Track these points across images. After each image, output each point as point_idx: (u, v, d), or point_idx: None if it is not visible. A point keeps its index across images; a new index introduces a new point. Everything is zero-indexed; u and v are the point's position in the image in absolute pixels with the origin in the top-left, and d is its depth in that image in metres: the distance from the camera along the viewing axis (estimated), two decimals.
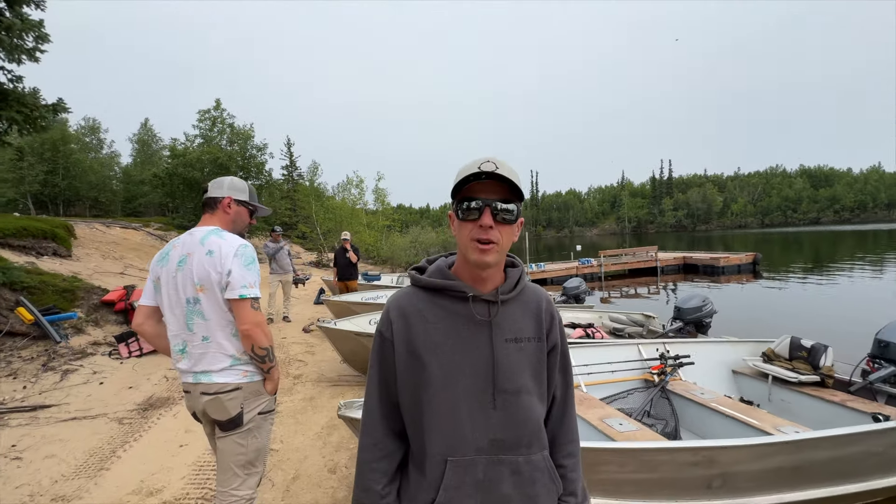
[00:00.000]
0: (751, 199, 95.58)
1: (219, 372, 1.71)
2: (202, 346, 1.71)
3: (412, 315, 0.96)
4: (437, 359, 0.93)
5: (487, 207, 0.90)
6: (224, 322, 1.71)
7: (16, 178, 24.60)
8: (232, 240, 1.77)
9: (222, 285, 1.69)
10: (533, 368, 0.98)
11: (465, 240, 0.93)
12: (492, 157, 0.92)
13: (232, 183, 1.94)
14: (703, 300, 6.03)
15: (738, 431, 3.32)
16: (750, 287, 14.51)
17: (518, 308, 1.00)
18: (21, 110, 4.55)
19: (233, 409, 1.71)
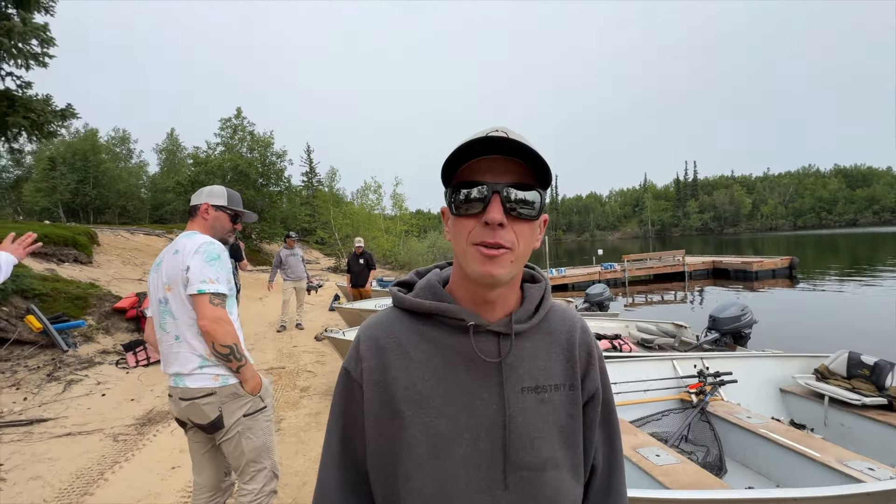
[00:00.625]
0: (782, 200, 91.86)
1: (190, 375, 1.68)
2: (175, 346, 1.70)
3: (390, 350, 0.67)
4: (422, 416, 0.64)
5: (496, 195, 0.61)
6: (190, 320, 1.69)
7: (48, 187, 25.65)
8: (197, 238, 1.76)
9: (184, 282, 1.67)
10: (563, 430, 0.68)
11: (462, 244, 0.63)
12: (502, 126, 0.63)
13: (211, 190, 1.96)
14: (742, 309, 5.53)
15: (793, 463, 2.87)
16: (788, 293, 13.65)
17: (541, 342, 0.70)
18: (28, 116, 4.51)
19: (211, 413, 1.69)
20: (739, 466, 3.17)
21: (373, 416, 0.66)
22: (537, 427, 0.65)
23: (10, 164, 28.63)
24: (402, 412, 0.64)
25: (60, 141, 28.68)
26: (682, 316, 10.67)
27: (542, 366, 0.68)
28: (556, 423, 0.67)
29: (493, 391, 0.65)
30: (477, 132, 0.64)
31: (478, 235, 0.61)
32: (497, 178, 0.61)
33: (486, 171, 0.62)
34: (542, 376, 0.68)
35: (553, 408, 0.67)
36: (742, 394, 3.83)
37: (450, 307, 0.67)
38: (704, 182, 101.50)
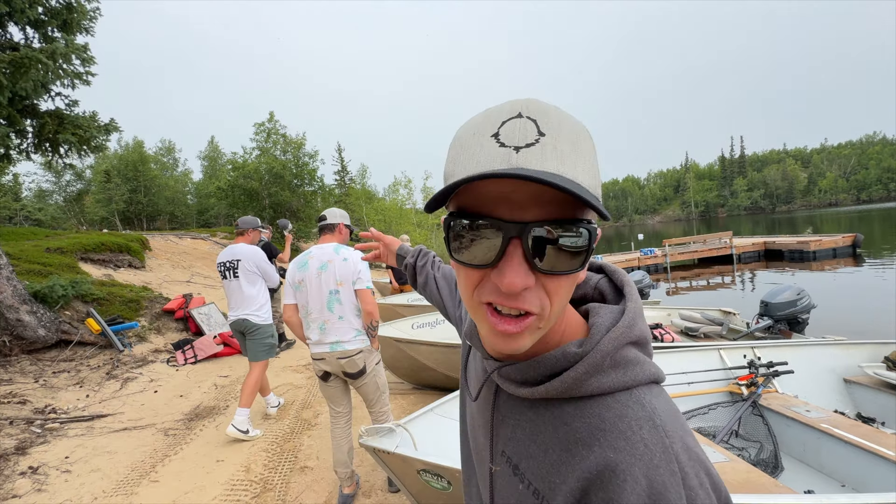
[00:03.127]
0: (842, 173, 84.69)
1: (348, 342, 2.48)
2: (338, 323, 2.47)
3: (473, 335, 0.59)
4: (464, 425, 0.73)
5: (516, 241, 0.41)
6: (352, 306, 2.50)
7: (105, 198, 27.71)
8: (355, 252, 2.50)
9: (353, 280, 2.48)
10: None
11: (468, 297, 0.46)
12: (526, 105, 0.43)
13: (342, 213, 2.72)
14: (798, 292, 5.11)
15: (861, 462, 2.61)
16: (851, 274, 12.56)
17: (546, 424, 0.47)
18: (76, 132, 4.83)
19: (360, 363, 2.51)
20: (798, 464, 2.93)
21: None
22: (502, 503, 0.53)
23: (73, 179, 31.09)
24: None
25: (114, 154, 30.85)
26: (730, 302, 10.07)
27: (532, 451, 0.48)
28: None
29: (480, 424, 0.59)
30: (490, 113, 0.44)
31: (488, 294, 0.43)
32: (518, 212, 0.40)
33: (501, 200, 0.40)
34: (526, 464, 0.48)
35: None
36: (799, 385, 3.54)
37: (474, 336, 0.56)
38: (753, 158, 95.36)
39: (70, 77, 4.70)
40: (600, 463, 0.40)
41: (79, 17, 5.01)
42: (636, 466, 0.39)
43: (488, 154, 0.41)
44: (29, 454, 3.35)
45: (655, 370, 0.47)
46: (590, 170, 0.42)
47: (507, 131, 0.41)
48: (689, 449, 0.40)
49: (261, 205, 20.85)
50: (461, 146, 0.44)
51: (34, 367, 4.84)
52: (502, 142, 0.41)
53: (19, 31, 4.81)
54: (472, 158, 0.42)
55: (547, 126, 0.41)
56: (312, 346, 2.53)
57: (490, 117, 0.43)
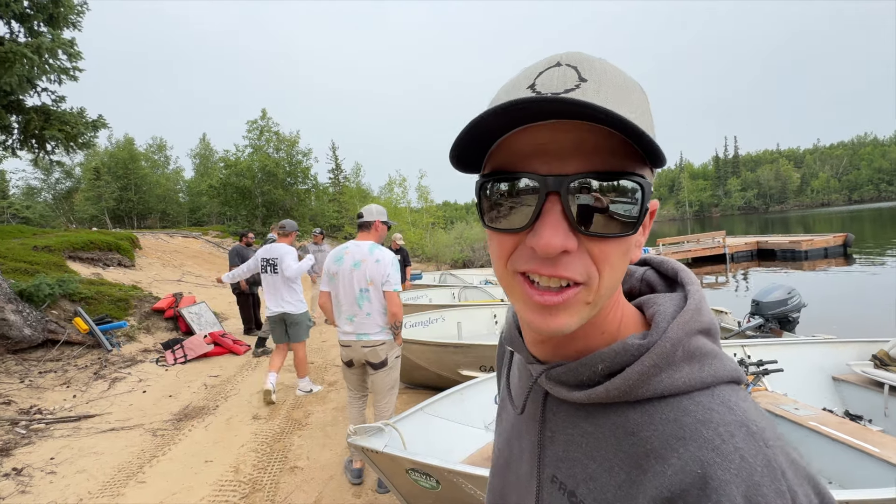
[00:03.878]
0: (834, 173, 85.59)
1: (374, 334, 2.73)
2: (365, 319, 2.71)
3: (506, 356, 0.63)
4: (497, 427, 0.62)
5: (553, 196, 0.35)
6: (379, 305, 2.72)
7: (95, 195, 27.37)
8: (388, 253, 2.76)
9: (382, 282, 2.69)
10: None
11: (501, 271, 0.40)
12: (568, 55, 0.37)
13: (379, 209, 2.87)
14: (789, 291, 5.15)
15: (848, 459, 2.63)
16: (842, 274, 12.69)
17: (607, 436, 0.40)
18: (63, 129, 4.75)
19: (382, 354, 2.76)
20: None
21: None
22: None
23: (63, 176, 30.69)
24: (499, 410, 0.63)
25: (104, 151, 30.48)
26: (723, 301, 10.14)
27: (592, 472, 0.40)
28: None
29: (526, 448, 0.49)
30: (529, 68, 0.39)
31: (523, 261, 0.37)
32: (556, 165, 0.35)
33: (535, 153, 0.36)
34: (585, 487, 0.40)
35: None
36: (789, 383, 3.56)
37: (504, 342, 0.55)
38: (747, 158, 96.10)
39: (56, 72, 4.62)
40: (684, 480, 0.33)
41: (65, 12, 4.92)
42: (733, 484, 0.31)
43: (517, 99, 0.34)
44: (13, 455, 3.29)
45: (736, 366, 0.40)
46: (642, 116, 0.36)
47: (543, 80, 0.36)
48: (796, 463, 0.33)
49: (253, 203, 20.70)
50: (493, 102, 0.39)
51: (20, 367, 4.76)
52: (539, 91, 0.35)
53: (4, 25, 4.71)
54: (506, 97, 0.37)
55: (590, 73, 0.35)
56: (341, 334, 2.84)
57: (527, 71, 0.38)
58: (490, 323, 6.76)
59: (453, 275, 12.37)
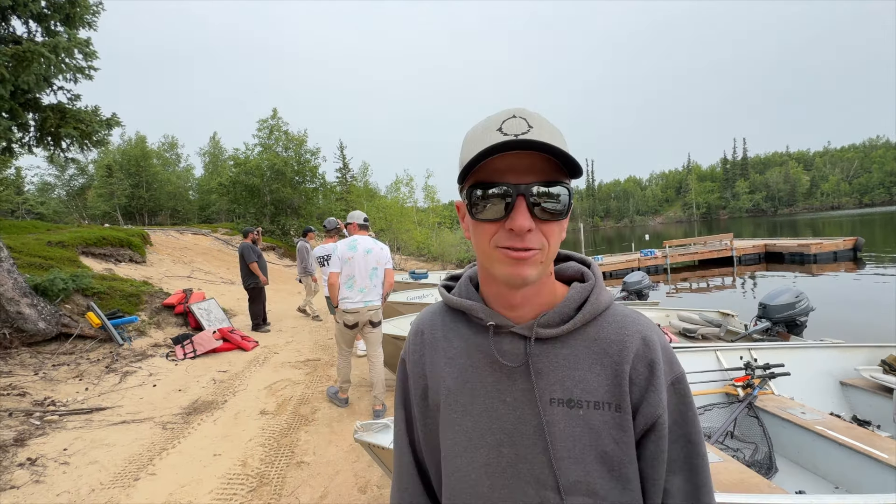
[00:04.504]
0: (845, 176, 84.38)
1: (376, 300, 3.79)
2: (372, 290, 3.76)
3: (429, 343, 0.72)
4: (450, 412, 0.67)
5: (521, 198, 0.56)
6: (380, 280, 3.82)
7: (107, 192, 27.73)
8: (385, 245, 4.01)
9: (385, 263, 3.85)
10: (604, 456, 0.58)
11: (485, 247, 0.60)
12: (518, 110, 0.59)
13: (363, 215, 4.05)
14: (797, 295, 5.12)
15: (855, 465, 2.62)
16: (851, 278, 12.55)
17: (583, 350, 0.62)
18: (78, 126, 4.84)
19: (380, 315, 3.87)
20: (792, 466, 2.94)
21: (417, 406, 0.72)
22: (566, 445, 0.58)
23: (76, 173, 31.13)
24: (438, 405, 0.68)
25: (117, 149, 30.86)
26: (730, 304, 10.06)
27: (579, 377, 0.60)
28: (593, 445, 0.58)
29: (517, 396, 0.62)
30: (491, 118, 0.59)
31: (503, 240, 0.57)
32: (520, 178, 0.56)
33: (508, 170, 0.56)
34: (578, 389, 0.60)
35: (590, 428, 0.58)
36: (796, 387, 3.54)
37: (472, 305, 0.66)
38: (755, 160, 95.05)
39: (72, 71, 4.71)
40: (636, 344, 0.61)
41: (81, 11, 5.01)
42: (654, 334, 0.63)
43: (495, 140, 0.54)
44: (28, 446, 3.37)
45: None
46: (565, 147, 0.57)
47: (506, 126, 0.56)
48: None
49: (262, 201, 20.85)
50: (472, 139, 0.59)
51: (34, 360, 4.86)
52: (504, 132, 0.56)
53: (22, 24, 4.82)
54: (483, 141, 0.56)
55: (534, 123, 0.57)
56: (350, 303, 3.68)
57: (492, 119, 0.59)
58: None
59: None
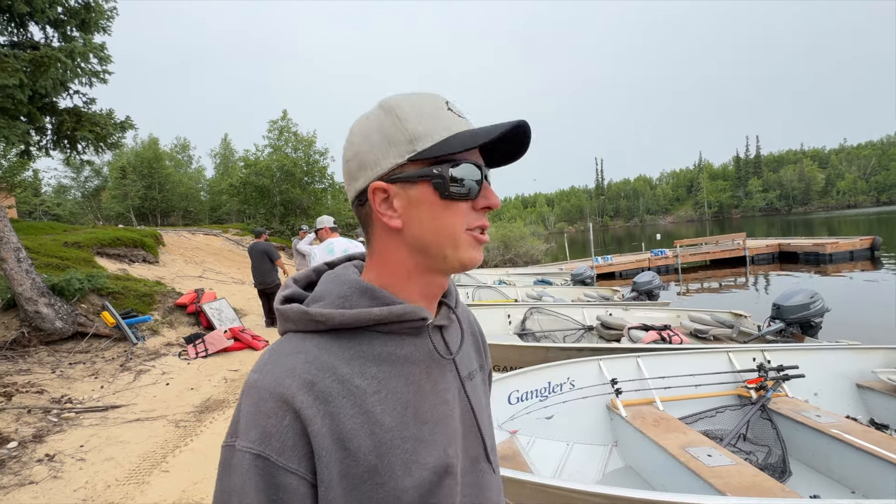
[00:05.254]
0: (861, 174, 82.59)
1: None
2: None
3: (334, 394, 0.50)
4: (402, 455, 0.51)
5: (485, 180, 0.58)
6: None
7: (121, 194, 28.23)
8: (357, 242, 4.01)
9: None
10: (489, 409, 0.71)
11: (454, 230, 0.55)
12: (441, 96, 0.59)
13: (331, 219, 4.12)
14: (812, 295, 5.04)
15: (872, 469, 2.57)
16: (868, 278, 12.28)
17: (463, 326, 0.67)
18: (93, 129, 4.95)
19: None
20: (807, 469, 2.89)
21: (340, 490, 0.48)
22: (482, 416, 0.66)
23: (91, 175, 31.71)
24: (375, 466, 0.49)
25: (130, 151, 31.39)
26: (742, 305, 9.92)
27: (465, 350, 0.67)
28: (486, 405, 0.69)
29: (452, 386, 0.61)
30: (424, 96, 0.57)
31: (473, 221, 0.57)
32: (481, 158, 0.59)
33: (475, 154, 0.57)
34: (469, 361, 0.68)
35: (482, 392, 0.69)
36: (811, 390, 3.49)
37: (412, 309, 0.55)
38: (769, 158, 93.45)
39: (88, 75, 4.82)
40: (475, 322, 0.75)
41: (96, 17, 5.12)
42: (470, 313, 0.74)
43: (456, 120, 0.55)
44: (46, 442, 3.45)
45: None
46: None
47: (453, 107, 0.57)
48: None
49: (272, 202, 21.05)
50: (423, 113, 0.54)
51: (51, 358, 4.97)
52: (458, 113, 0.56)
53: (39, 30, 4.94)
54: (446, 121, 0.54)
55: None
56: None
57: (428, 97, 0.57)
58: (504, 323, 6.77)
59: (467, 274, 12.37)
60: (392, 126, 0.54)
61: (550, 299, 8.29)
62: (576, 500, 1.95)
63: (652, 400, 3.33)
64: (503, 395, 3.24)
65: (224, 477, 0.47)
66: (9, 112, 4.54)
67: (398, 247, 0.56)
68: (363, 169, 0.56)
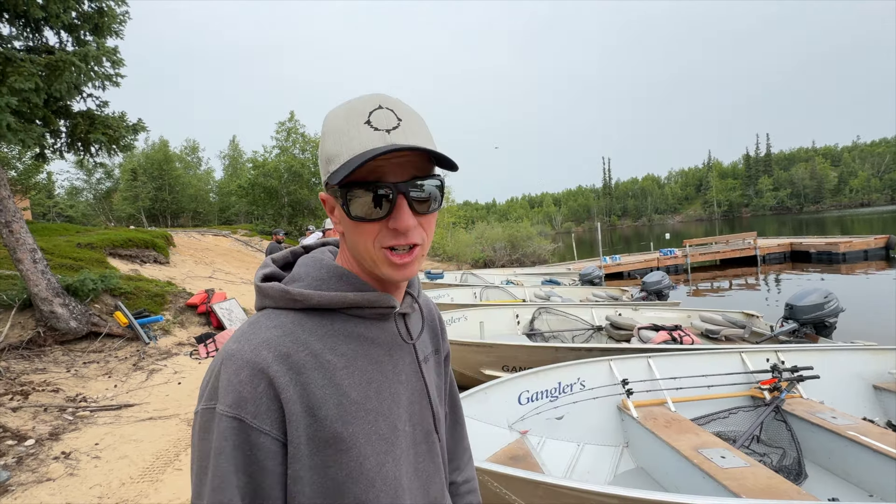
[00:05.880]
0: (875, 171, 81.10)
1: None
2: None
3: (306, 365, 0.54)
4: (363, 426, 0.56)
5: (401, 196, 0.55)
6: None
7: (132, 195, 28.64)
8: None
9: None
10: (440, 388, 0.78)
11: (367, 246, 0.57)
12: (381, 98, 0.57)
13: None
14: (826, 295, 4.96)
15: (891, 471, 2.52)
16: (883, 277, 12.06)
17: (423, 314, 0.75)
18: (106, 132, 5.03)
19: None
20: (823, 472, 2.85)
21: (299, 462, 0.52)
22: (435, 394, 0.71)
23: (103, 177, 32.18)
24: (340, 433, 0.54)
25: (141, 153, 31.82)
26: (754, 305, 9.80)
27: (423, 337, 0.73)
28: (439, 385, 0.76)
29: (409, 370, 0.66)
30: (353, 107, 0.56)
31: (387, 239, 0.56)
32: (398, 175, 0.55)
33: (385, 169, 0.54)
34: (425, 346, 0.73)
35: (436, 373, 0.75)
36: (826, 391, 3.43)
37: (381, 296, 0.61)
38: (780, 156, 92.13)
39: (101, 79, 4.90)
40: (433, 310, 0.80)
41: (109, 21, 5.20)
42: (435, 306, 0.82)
43: (368, 136, 0.53)
44: (62, 440, 3.50)
45: None
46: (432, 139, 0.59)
47: (375, 119, 0.54)
48: None
49: (280, 203, 21.23)
50: (338, 131, 0.55)
51: (66, 358, 5.05)
52: (375, 126, 0.54)
53: (54, 35, 5.03)
54: (355, 139, 0.54)
55: (402, 114, 0.56)
56: None
57: (354, 109, 0.56)
58: (512, 323, 6.75)
59: (475, 274, 12.37)
60: (321, 143, 0.59)
61: (559, 299, 8.25)
62: (589, 500, 1.94)
63: (663, 401, 3.30)
64: (513, 396, 3.23)
65: (203, 437, 0.52)
66: (25, 115, 4.62)
67: (350, 248, 0.62)
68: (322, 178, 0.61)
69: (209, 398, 0.53)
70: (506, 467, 2.12)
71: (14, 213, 4.88)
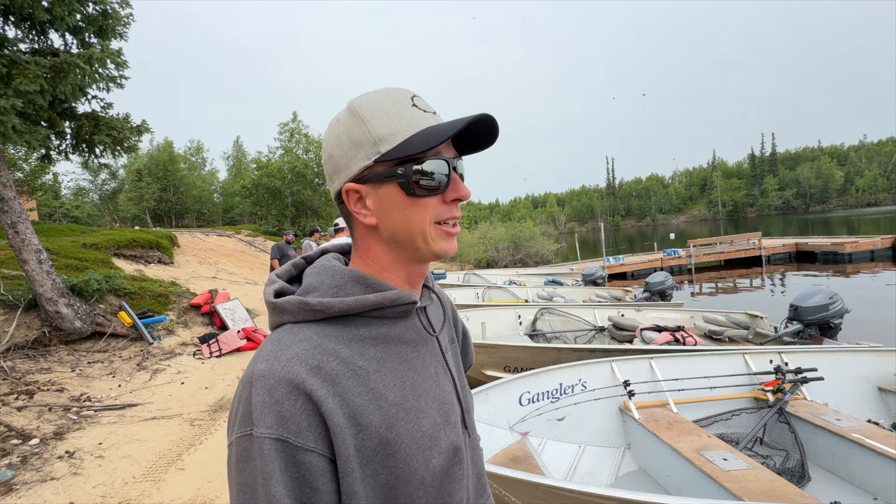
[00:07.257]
0: (882, 171, 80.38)
1: None
2: None
3: (340, 376, 0.53)
4: (406, 426, 0.55)
5: (454, 171, 0.60)
6: None
7: (137, 196, 28.88)
8: None
9: None
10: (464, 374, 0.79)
11: (423, 224, 0.58)
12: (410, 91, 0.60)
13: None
14: (831, 296, 4.92)
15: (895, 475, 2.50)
16: (890, 278, 11.95)
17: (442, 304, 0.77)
18: (110, 133, 5.07)
19: None
20: (826, 475, 2.82)
21: (351, 475, 0.50)
22: (461, 382, 0.72)
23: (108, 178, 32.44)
24: (386, 438, 0.53)
25: (146, 154, 32.05)
26: (758, 305, 9.74)
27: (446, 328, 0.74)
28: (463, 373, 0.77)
29: (436, 362, 0.66)
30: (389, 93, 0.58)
31: (443, 213, 0.59)
32: (449, 152, 0.60)
33: (441, 148, 0.58)
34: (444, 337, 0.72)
35: (455, 361, 0.75)
36: (830, 393, 3.40)
37: (401, 293, 0.59)
38: (785, 156, 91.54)
39: (105, 81, 4.93)
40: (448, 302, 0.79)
41: (113, 23, 5.24)
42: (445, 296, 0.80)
43: (423, 117, 0.57)
44: (66, 439, 3.53)
45: None
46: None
47: (420, 103, 0.58)
48: None
49: (283, 203, 21.31)
50: (388, 113, 0.56)
51: (71, 357, 5.09)
52: (423, 109, 0.58)
53: (59, 37, 5.08)
54: (413, 119, 0.56)
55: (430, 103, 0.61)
56: None
57: (394, 95, 0.58)
58: (514, 323, 6.74)
59: (477, 275, 12.36)
60: (358, 129, 0.57)
61: (561, 300, 8.23)
62: (589, 503, 1.94)
63: (665, 402, 3.29)
64: (514, 397, 3.23)
65: (243, 467, 0.48)
66: (30, 117, 4.67)
67: (377, 241, 0.61)
68: (337, 172, 0.59)
69: (243, 425, 0.49)
70: (506, 469, 2.12)
71: (20, 214, 4.92)
